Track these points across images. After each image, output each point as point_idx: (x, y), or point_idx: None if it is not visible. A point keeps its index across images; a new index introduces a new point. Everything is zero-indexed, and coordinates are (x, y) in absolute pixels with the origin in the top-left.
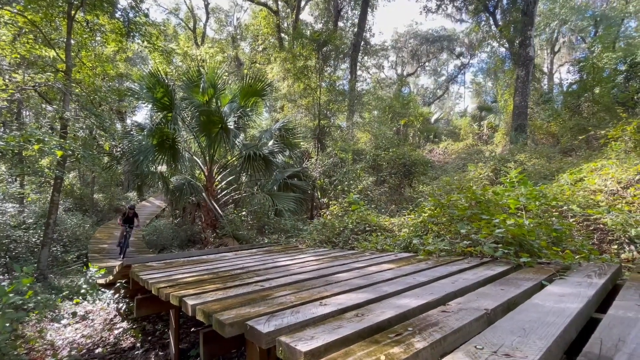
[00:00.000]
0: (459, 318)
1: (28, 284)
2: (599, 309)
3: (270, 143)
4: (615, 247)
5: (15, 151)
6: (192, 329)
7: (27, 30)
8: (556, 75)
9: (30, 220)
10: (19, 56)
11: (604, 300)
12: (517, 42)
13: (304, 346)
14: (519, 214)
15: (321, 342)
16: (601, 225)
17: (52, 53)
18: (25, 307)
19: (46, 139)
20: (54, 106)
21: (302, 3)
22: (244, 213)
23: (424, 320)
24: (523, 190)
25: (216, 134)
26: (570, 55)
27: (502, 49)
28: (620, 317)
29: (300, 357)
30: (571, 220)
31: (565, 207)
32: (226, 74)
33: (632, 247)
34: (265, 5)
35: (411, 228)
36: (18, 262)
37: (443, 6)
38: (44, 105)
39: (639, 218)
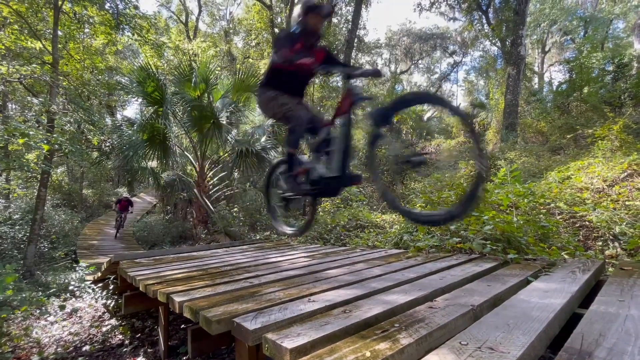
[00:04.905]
0: (446, 314)
1: (12, 282)
2: (582, 304)
3: (263, 139)
4: (600, 243)
5: (1, 145)
6: (182, 326)
7: (12, 20)
8: (546, 75)
9: (17, 216)
10: (3, 47)
11: (587, 295)
12: (509, 41)
13: (289, 343)
14: (507, 210)
15: (307, 339)
16: (587, 223)
17: (39, 45)
18: (10, 304)
19: (31, 133)
20: (40, 99)
21: None
22: (235, 209)
23: (411, 317)
24: (511, 187)
25: (208, 129)
26: (560, 55)
27: (494, 48)
28: (602, 312)
29: (285, 354)
30: (558, 217)
31: (552, 205)
32: (218, 68)
33: (616, 244)
34: None
35: (402, 224)
36: (3, 258)
37: (436, 4)
38: (29, 98)
39: (623, 215)
